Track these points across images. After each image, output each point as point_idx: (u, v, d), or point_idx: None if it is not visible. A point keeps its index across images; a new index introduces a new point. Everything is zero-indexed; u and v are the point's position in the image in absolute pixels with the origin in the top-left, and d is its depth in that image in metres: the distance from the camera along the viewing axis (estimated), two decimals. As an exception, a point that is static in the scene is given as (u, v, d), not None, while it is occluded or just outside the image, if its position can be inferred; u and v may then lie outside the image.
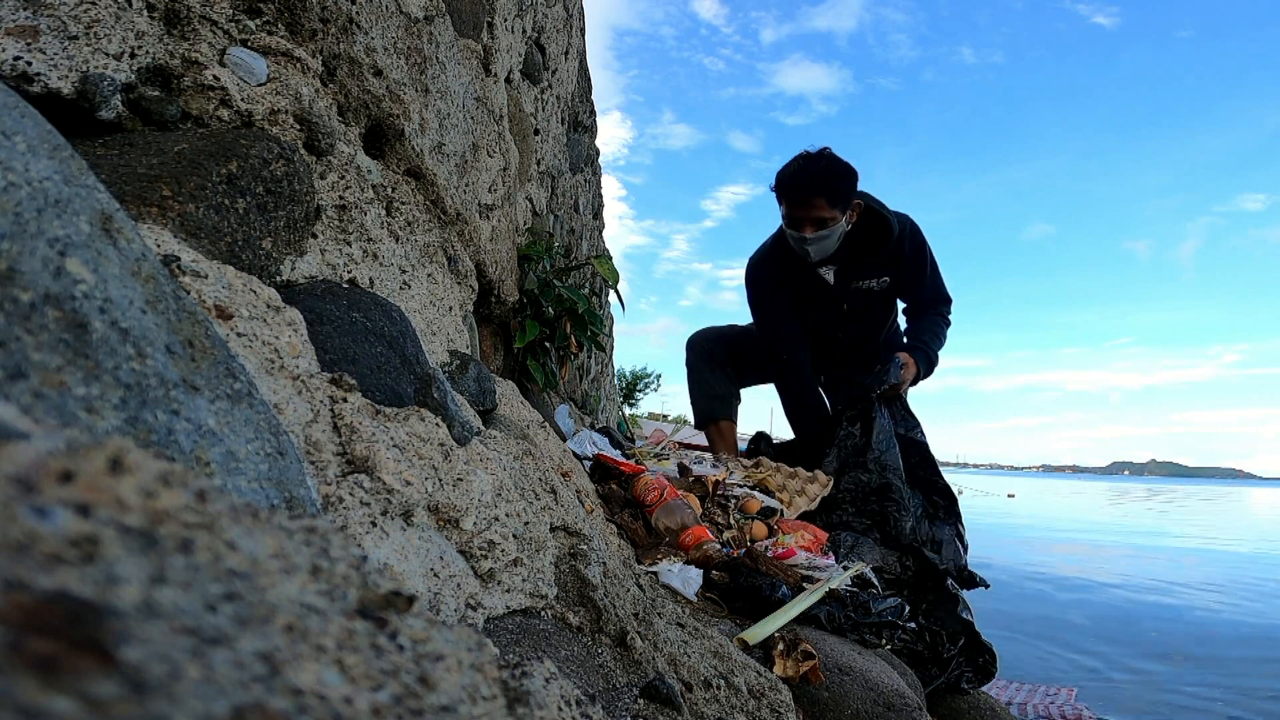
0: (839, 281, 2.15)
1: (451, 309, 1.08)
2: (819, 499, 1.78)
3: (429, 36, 1.00)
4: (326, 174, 0.75)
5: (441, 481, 0.61)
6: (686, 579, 1.11)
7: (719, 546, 1.28)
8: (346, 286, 0.74)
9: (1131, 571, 4.08)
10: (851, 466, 1.83)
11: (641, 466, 1.56)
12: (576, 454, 1.62)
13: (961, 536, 1.83)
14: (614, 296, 2.25)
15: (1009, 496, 14.76)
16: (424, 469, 0.60)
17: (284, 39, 0.70)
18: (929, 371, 2.12)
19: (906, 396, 2.05)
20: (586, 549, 0.82)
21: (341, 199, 0.77)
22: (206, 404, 0.36)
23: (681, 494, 1.41)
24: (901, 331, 2.32)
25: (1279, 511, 12.63)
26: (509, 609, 0.63)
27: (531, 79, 2.10)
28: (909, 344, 2.15)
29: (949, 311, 2.21)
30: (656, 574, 1.12)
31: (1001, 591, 3.12)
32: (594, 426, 2.67)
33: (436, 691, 0.18)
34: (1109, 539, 6.13)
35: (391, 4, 0.89)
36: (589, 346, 2.05)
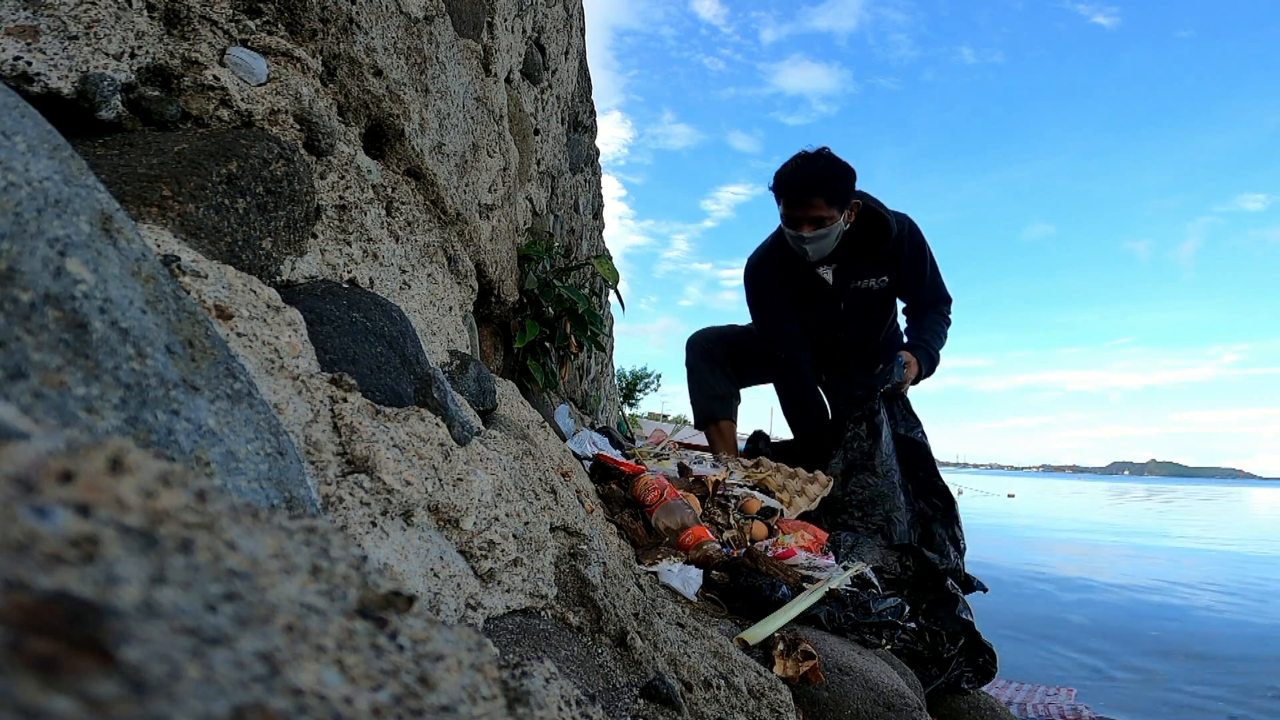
0: (838, 281, 2.15)
1: (451, 309, 1.08)
2: (819, 499, 1.78)
3: (429, 36, 1.00)
4: (326, 174, 0.75)
5: (441, 481, 0.61)
6: (686, 579, 1.11)
7: (719, 546, 1.28)
8: (346, 286, 0.74)
9: (1132, 571, 4.08)
10: (859, 469, 1.82)
11: (641, 466, 1.56)
12: (576, 454, 1.62)
13: (957, 540, 1.83)
14: (614, 296, 2.25)
15: (1009, 497, 14.76)
16: (424, 469, 0.60)
17: (284, 39, 0.70)
18: (931, 370, 2.12)
19: (907, 396, 2.05)
20: (586, 549, 0.82)
21: (341, 199, 0.77)
22: (206, 404, 0.36)
23: (681, 494, 1.41)
24: (902, 331, 2.33)
25: (1279, 511, 12.63)
26: (509, 609, 0.63)
27: (531, 79, 2.10)
28: (910, 343, 2.16)
29: (949, 311, 2.21)
30: (656, 574, 1.12)
31: (1001, 591, 3.11)
32: (594, 426, 2.67)
33: (436, 691, 0.18)
34: (1109, 539, 6.13)
35: (391, 4, 0.89)
36: (589, 346, 2.05)
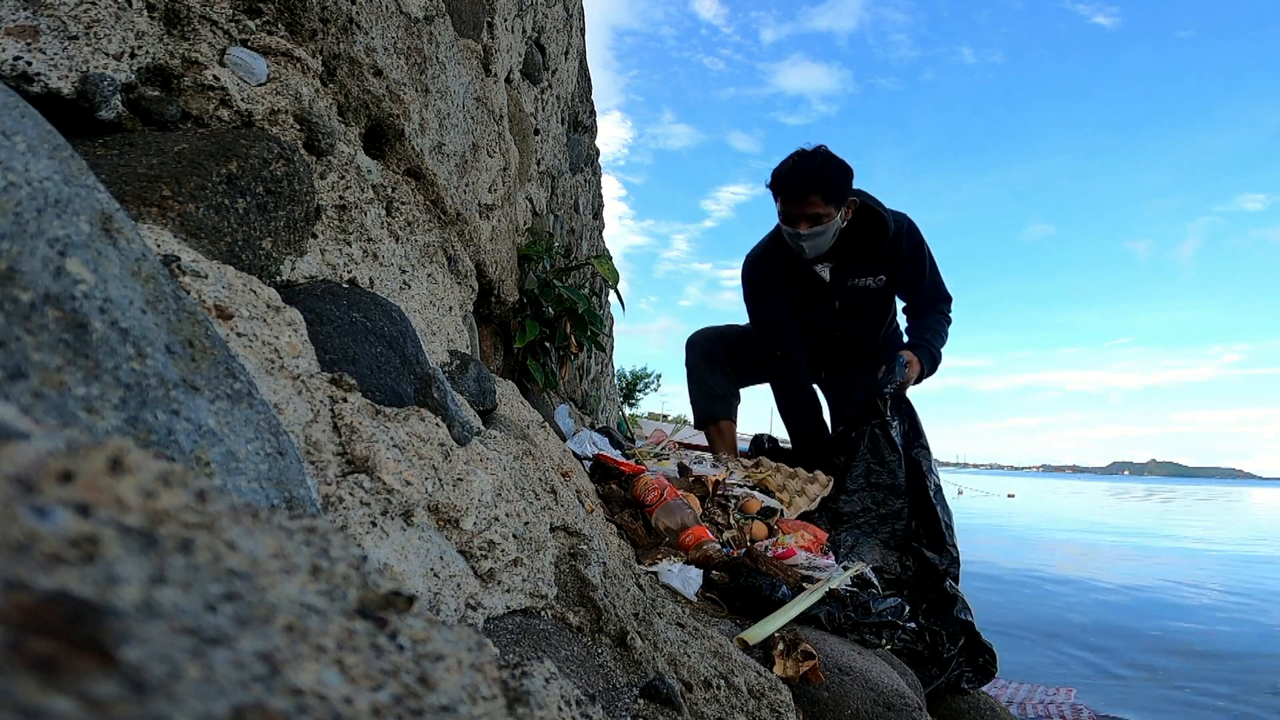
0: (834, 279, 2.15)
1: (451, 309, 1.08)
2: (819, 499, 1.77)
3: (429, 36, 1.00)
4: (326, 174, 0.75)
5: (441, 481, 0.61)
6: (686, 579, 1.12)
7: (719, 546, 1.28)
8: (346, 286, 0.74)
9: (1131, 571, 4.08)
10: (878, 488, 1.78)
11: (641, 466, 1.56)
12: (576, 454, 1.62)
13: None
14: (614, 296, 2.25)
15: (1009, 497, 14.76)
16: (424, 469, 0.60)
17: (284, 39, 0.70)
18: (933, 369, 2.12)
19: (914, 408, 2.03)
20: (586, 549, 0.82)
21: (341, 199, 0.77)
22: (206, 404, 0.36)
23: (681, 494, 1.41)
24: (901, 330, 2.33)
25: (1279, 511, 12.63)
26: (509, 609, 0.63)
27: (531, 79, 2.10)
28: (911, 342, 2.15)
29: (949, 310, 2.21)
30: (656, 574, 1.12)
31: (1001, 591, 3.11)
32: (594, 426, 2.67)
33: (436, 691, 0.18)
34: (1109, 539, 6.13)
35: (391, 4, 0.89)
36: (589, 346, 2.05)
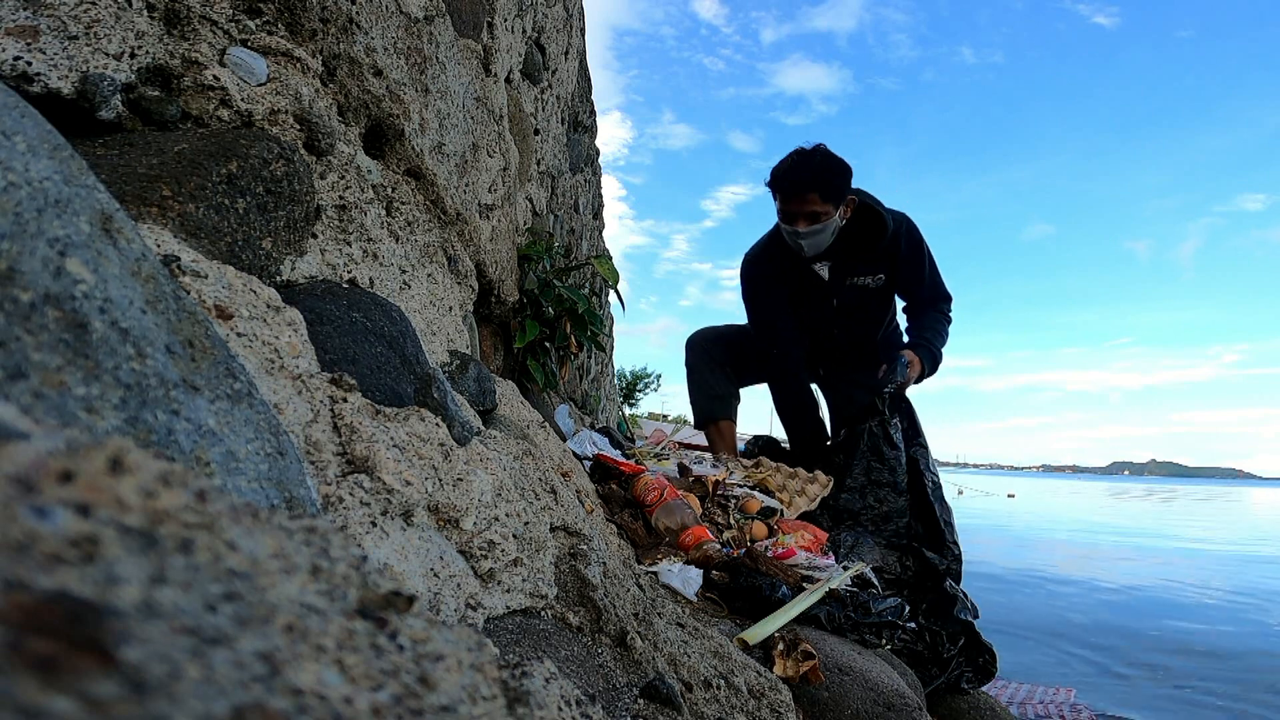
0: (833, 277, 2.15)
1: (451, 309, 1.08)
2: (819, 499, 1.77)
3: (429, 36, 1.00)
4: (326, 174, 0.75)
5: (441, 481, 0.61)
6: (686, 579, 1.12)
7: (719, 546, 1.28)
8: (346, 286, 0.74)
9: (1131, 571, 4.08)
10: (879, 485, 1.79)
11: (641, 466, 1.56)
12: (576, 454, 1.62)
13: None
14: (614, 296, 2.25)
15: (1009, 497, 14.76)
16: (424, 469, 0.60)
17: (284, 39, 0.70)
18: (934, 369, 2.12)
19: (913, 407, 2.03)
20: (586, 549, 0.82)
21: (341, 199, 0.77)
22: (206, 404, 0.36)
23: (681, 494, 1.41)
24: (902, 330, 2.32)
25: (1279, 511, 12.63)
26: (509, 609, 0.63)
27: (531, 79, 2.10)
28: (912, 341, 2.15)
29: (949, 309, 2.21)
30: (656, 574, 1.12)
31: (1002, 591, 3.12)
32: (594, 426, 2.67)
33: (436, 691, 0.18)
34: (1109, 539, 6.13)
35: (391, 4, 0.89)
36: (589, 346, 2.05)
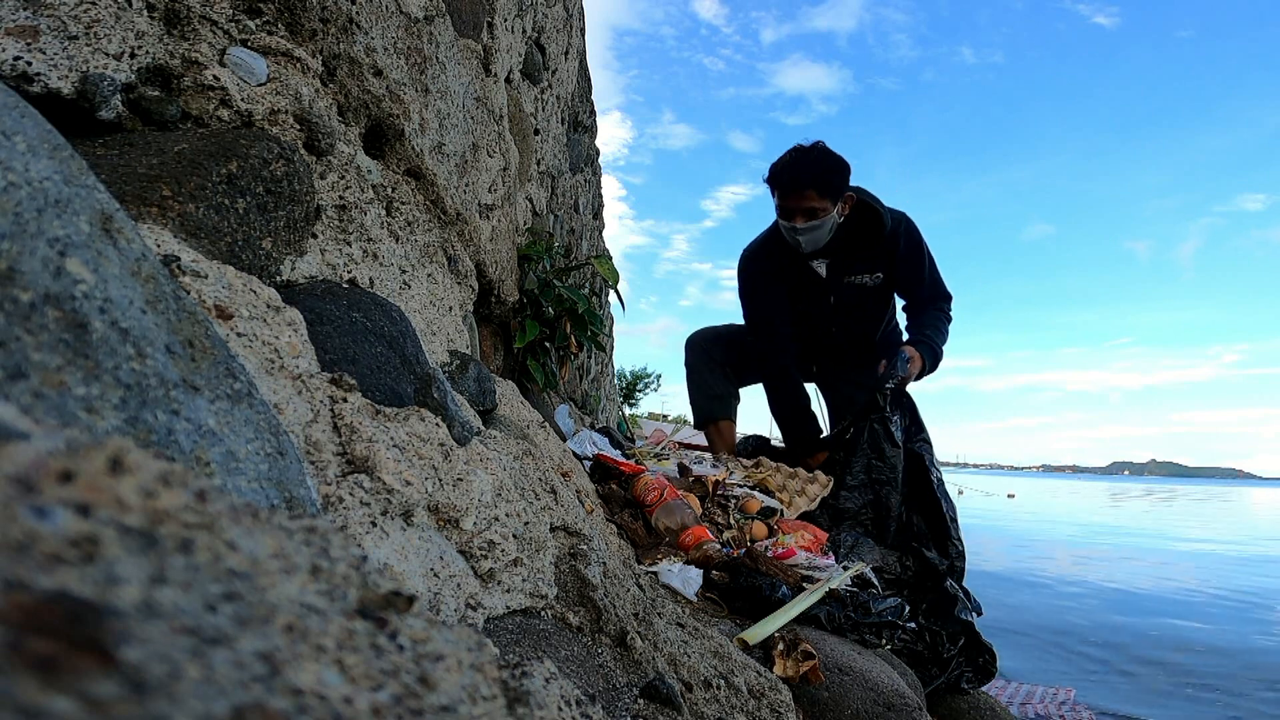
0: (830, 275, 2.15)
1: (451, 309, 1.08)
2: (819, 499, 1.77)
3: (429, 36, 1.00)
4: (326, 174, 0.75)
5: (441, 481, 0.61)
6: (686, 579, 1.12)
7: (719, 546, 1.28)
8: (346, 286, 0.74)
9: (1132, 571, 4.08)
10: (881, 484, 1.78)
11: (641, 466, 1.56)
12: (576, 454, 1.62)
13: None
14: (614, 296, 2.25)
15: (1009, 497, 14.75)
16: (424, 469, 0.60)
17: (284, 39, 0.70)
18: (934, 366, 2.12)
19: (914, 402, 2.02)
20: (586, 549, 0.82)
21: (341, 199, 0.77)
22: (206, 404, 0.36)
23: (681, 494, 1.41)
24: (901, 330, 2.32)
25: (1279, 511, 12.63)
26: (509, 609, 0.63)
27: (531, 79, 2.10)
28: (912, 339, 2.15)
29: (949, 308, 2.21)
30: (656, 574, 1.12)
31: (1002, 591, 3.12)
32: (594, 426, 2.67)
33: (436, 691, 0.18)
34: (1109, 539, 6.13)
35: (391, 4, 0.89)
36: (589, 346, 2.05)
